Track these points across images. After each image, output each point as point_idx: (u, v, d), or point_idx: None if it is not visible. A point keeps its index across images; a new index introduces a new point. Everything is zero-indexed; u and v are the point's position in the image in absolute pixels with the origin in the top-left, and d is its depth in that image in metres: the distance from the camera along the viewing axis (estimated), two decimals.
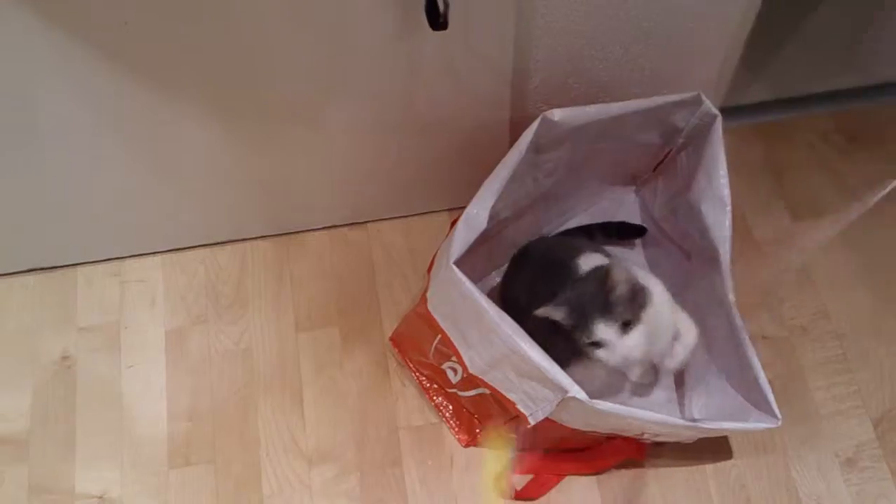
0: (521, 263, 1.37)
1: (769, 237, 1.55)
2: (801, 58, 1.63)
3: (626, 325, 1.15)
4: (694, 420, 1.22)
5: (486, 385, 1.20)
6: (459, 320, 1.20)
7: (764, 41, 1.36)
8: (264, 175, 1.44)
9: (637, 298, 1.16)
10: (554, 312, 1.15)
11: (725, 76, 1.38)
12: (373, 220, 1.61)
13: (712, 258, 1.25)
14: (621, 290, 1.14)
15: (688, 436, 1.29)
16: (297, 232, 1.60)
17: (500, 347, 1.13)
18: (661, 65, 1.30)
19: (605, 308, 1.14)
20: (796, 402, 1.43)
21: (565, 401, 1.09)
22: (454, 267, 1.13)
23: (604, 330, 1.15)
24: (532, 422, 1.16)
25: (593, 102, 1.28)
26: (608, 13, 1.19)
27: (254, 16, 1.10)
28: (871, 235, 1.57)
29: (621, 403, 1.14)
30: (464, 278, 1.13)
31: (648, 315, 1.16)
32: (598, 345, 1.16)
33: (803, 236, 1.57)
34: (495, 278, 1.48)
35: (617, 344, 1.15)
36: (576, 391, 1.08)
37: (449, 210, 1.61)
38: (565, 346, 1.18)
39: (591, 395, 1.10)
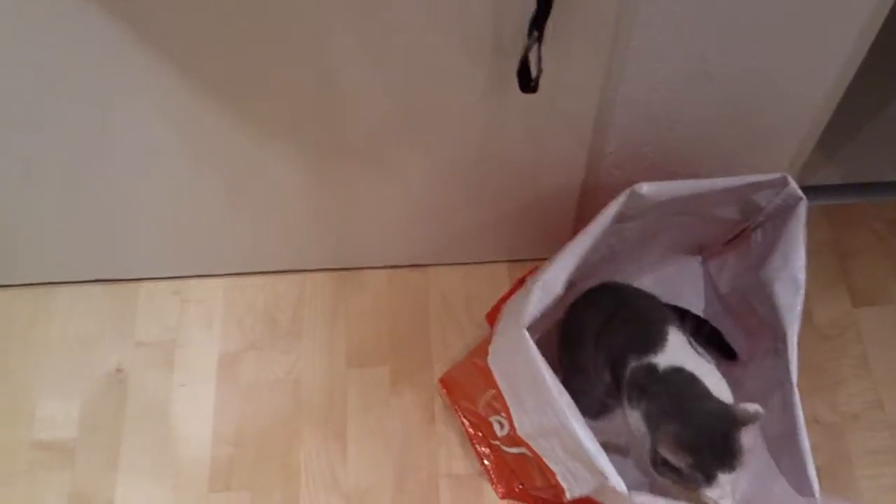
0: (597, 299, 1.36)
1: (829, 321, 1.54)
2: (876, 144, 1.63)
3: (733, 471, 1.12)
4: None
5: (530, 449, 1.20)
6: (517, 382, 1.20)
7: (841, 124, 1.36)
8: (331, 211, 1.46)
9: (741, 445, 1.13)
10: (675, 458, 1.10)
11: (801, 157, 1.38)
12: (432, 264, 1.62)
13: (777, 339, 1.24)
14: (745, 443, 1.12)
15: None
16: (357, 268, 1.62)
17: (551, 420, 1.13)
18: (739, 142, 1.31)
19: (730, 460, 1.11)
20: (840, 488, 1.41)
21: (604, 487, 1.09)
22: (525, 332, 1.13)
23: (725, 480, 1.11)
24: (569, 497, 1.16)
25: (666, 172, 1.28)
26: (694, 89, 1.20)
27: (345, 58, 1.12)
28: None
29: None
30: (532, 345, 1.12)
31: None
32: (708, 486, 1.12)
33: (863, 324, 1.55)
34: (552, 335, 1.48)
35: (726, 491, 1.12)
36: (615, 481, 1.07)
37: (508, 262, 1.62)
38: (608, 393, 1.18)
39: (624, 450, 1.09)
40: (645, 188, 1.19)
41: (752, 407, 1.12)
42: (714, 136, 1.30)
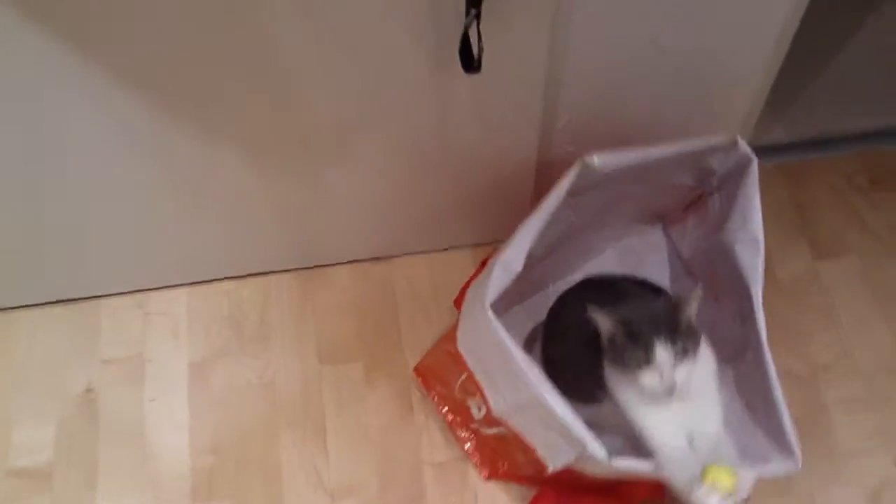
0: (573, 300, 1.37)
1: (792, 277, 1.56)
2: (825, 100, 1.64)
3: (679, 356, 1.11)
4: None
5: (508, 428, 1.21)
6: (487, 362, 1.20)
7: (788, 83, 1.37)
8: (290, 208, 1.45)
9: (694, 335, 1.14)
10: (604, 319, 1.12)
11: (751, 119, 1.39)
12: (396, 255, 1.61)
13: (744, 298, 1.25)
14: (688, 321, 1.13)
15: None
16: (321, 266, 1.61)
17: (524, 394, 1.14)
18: (687, 106, 1.31)
19: (669, 331, 1.11)
20: (820, 439, 1.43)
21: (584, 454, 1.09)
22: (489, 312, 1.13)
23: (662, 354, 1.10)
24: (551, 469, 1.16)
25: (619, 143, 1.29)
26: (636, 55, 1.20)
27: (287, 47, 1.11)
28: (892, 275, 1.58)
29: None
30: (497, 324, 1.13)
31: (697, 353, 1.15)
32: (648, 366, 1.12)
33: (826, 275, 1.57)
34: (518, 313, 1.48)
35: (666, 371, 1.10)
36: (594, 448, 1.08)
37: (472, 246, 1.62)
38: (588, 385, 1.19)
39: (611, 432, 1.10)
40: (595, 159, 1.20)
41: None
42: (664, 104, 1.31)
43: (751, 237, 1.26)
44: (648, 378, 1.11)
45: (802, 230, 1.62)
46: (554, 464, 1.16)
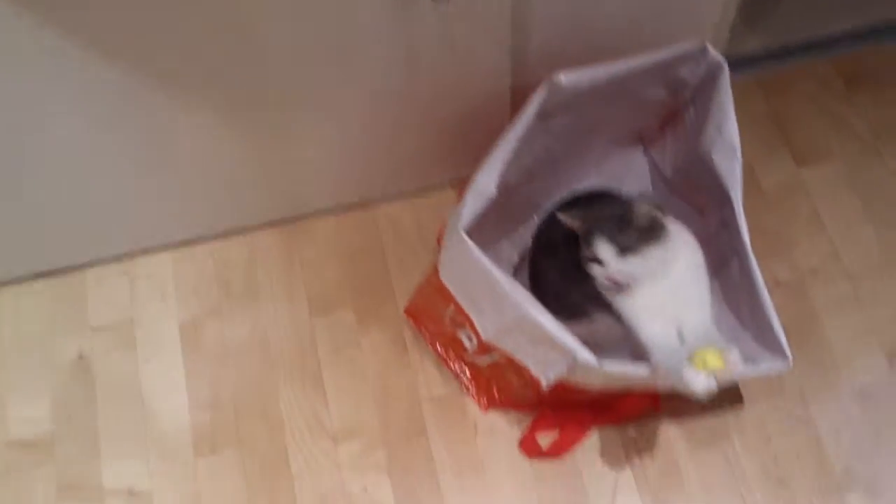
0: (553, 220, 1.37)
1: (776, 185, 1.57)
2: (794, 8, 1.64)
3: (625, 251, 1.16)
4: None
5: (499, 352, 1.21)
6: (471, 288, 1.20)
7: None
8: (266, 160, 1.43)
9: (650, 233, 1.17)
10: (570, 219, 1.18)
11: (723, 28, 1.38)
12: (378, 201, 1.61)
13: (725, 206, 1.26)
14: (638, 220, 1.17)
15: None
16: (304, 217, 1.60)
17: (510, 314, 1.14)
18: (659, 20, 1.30)
19: (613, 229, 1.16)
20: (812, 343, 1.45)
21: (575, 363, 1.10)
22: (464, 235, 1.14)
23: (603, 248, 1.16)
24: (545, 385, 1.17)
25: (591, 61, 1.29)
26: None
27: None
28: (875, 175, 1.58)
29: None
30: (473, 246, 1.13)
31: (653, 253, 1.17)
32: (595, 261, 1.18)
33: (809, 181, 1.57)
34: (505, 245, 1.48)
35: (608, 263, 1.16)
36: (583, 355, 1.09)
37: (454, 184, 1.61)
38: (577, 300, 1.20)
39: (602, 349, 1.11)
40: (563, 77, 1.19)
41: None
42: (633, 17, 1.30)
43: (727, 144, 1.26)
44: (595, 271, 1.18)
45: (783, 139, 1.61)
46: (547, 378, 1.16)
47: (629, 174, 1.54)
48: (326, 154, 1.46)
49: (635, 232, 1.17)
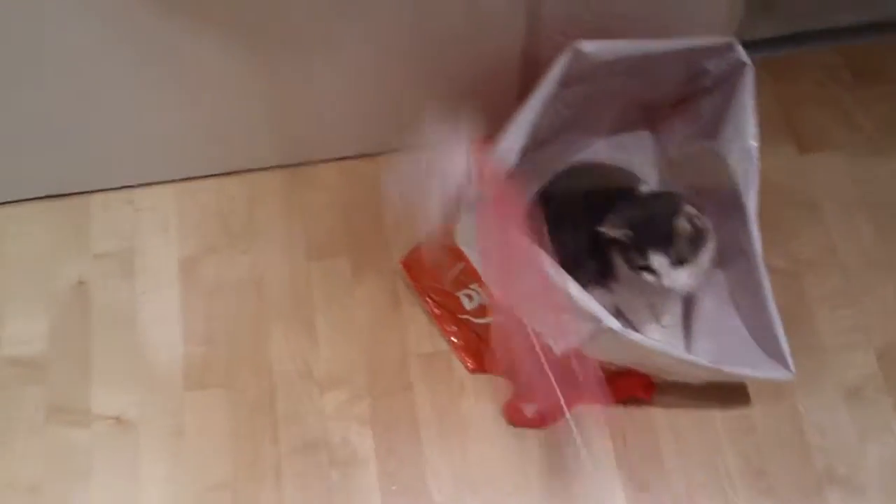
0: (562, 185, 1.38)
1: (777, 171, 1.54)
2: None
3: (679, 262, 1.17)
4: (716, 363, 1.24)
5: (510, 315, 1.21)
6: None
7: None
8: (274, 102, 1.44)
9: (698, 238, 1.19)
10: (615, 231, 1.17)
11: (737, 11, 1.37)
12: (383, 153, 1.61)
13: (734, 206, 1.26)
14: (686, 226, 1.17)
15: (703, 378, 1.31)
16: (308, 163, 1.61)
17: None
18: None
19: (666, 240, 1.17)
20: (802, 334, 1.44)
21: (598, 332, 1.11)
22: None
23: (659, 261, 1.17)
24: (557, 352, 1.17)
25: (606, 32, 1.28)
26: None
27: None
28: (877, 170, 1.58)
29: None
30: None
31: (702, 257, 1.19)
32: (648, 270, 1.19)
33: (811, 170, 1.57)
34: None
35: (666, 276, 1.18)
36: (611, 322, 1.10)
37: None
38: (593, 268, 1.21)
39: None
40: (587, 46, 1.19)
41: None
42: None
43: (745, 147, 1.26)
44: (647, 279, 1.19)
45: (787, 125, 1.61)
46: (561, 347, 1.17)
47: (635, 148, 1.54)
48: (333, 101, 1.46)
49: (687, 242, 1.18)
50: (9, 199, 1.57)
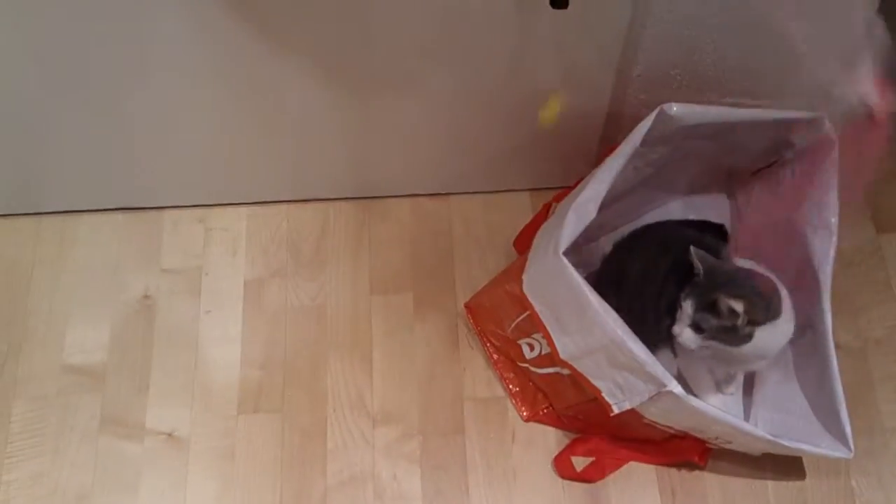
0: (637, 245, 1.37)
1: (853, 247, 1.54)
2: None
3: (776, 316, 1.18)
4: (776, 436, 1.23)
5: (572, 369, 1.21)
6: (558, 307, 1.20)
7: None
8: (354, 136, 1.46)
9: (775, 288, 1.20)
10: (737, 304, 1.15)
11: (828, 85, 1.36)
12: (455, 193, 1.62)
13: (809, 280, 1.25)
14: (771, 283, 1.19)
15: (761, 449, 1.29)
16: (380, 197, 1.62)
17: (599, 338, 1.14)
18: (770, 69, 1.29)
19: (759, 307, 1.17)
20: (863, 413, 1.42)
21: (659, 395, 1.10)
22: (563, 258, 1.13)
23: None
24: (616, 410, 1.16)
25: (694, 97, 1.28)
26: (729, 8, 1.18)
27: None
28: None
29: None
30: (573, 270, 1.13)
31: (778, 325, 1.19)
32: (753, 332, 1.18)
33: (887, 249, 1.55)
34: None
35: (766, 334, 1.18)
36: (674, 386, 1.09)
37: (530, 190, 1.62)
38: (660, 331, 1.20)
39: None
40: (675, 108, 1.19)
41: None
42: (744, 61, 1.28)
43: (824, 225, 1.26)
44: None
45: (867, 202, 1.59)
46: (620, 405, 1.16)
47: (711, 211, 1.53)
48: (412, 140, 1.48)
49: (773, 296, 1.19)
50: (85, 208, 1.60)
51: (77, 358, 1.49)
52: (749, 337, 1.17)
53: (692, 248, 1.19)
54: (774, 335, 1.20)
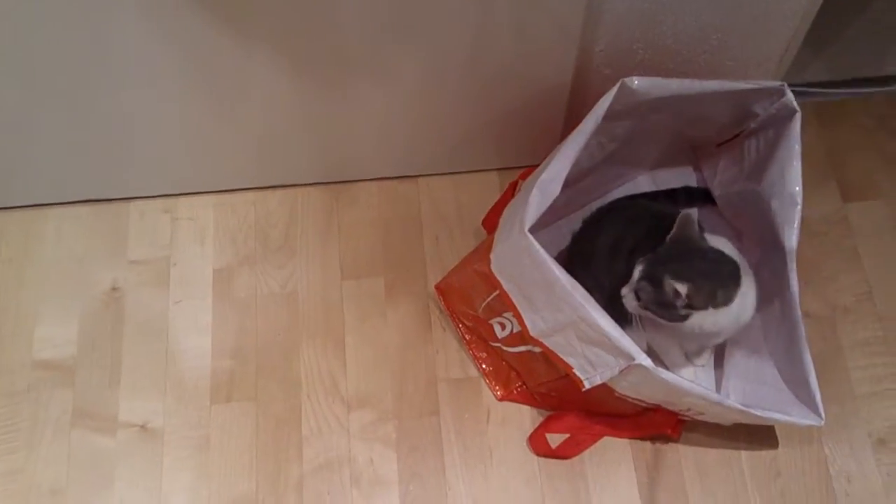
0: (606, 221, 1.38)
1: (820, 217, 1.55)
2: (864, 40, 1.61)
3: (718, 306, 1.18)
4: (747, 406, 1.23)
5: (542, 346, 1.21)
6: (526, 285, 1.20)
7: (827, 20, 1.35)
8: (321, 121, 1.44)
9: (735, 281, 1.19)
10: (681, 287, 1.15)
11: (789, 54, 1.37)
12: (423, 175, 1.62)
13: (774, 250, 1.25)
14: (730, 274, 1.19)
15: (733, 419, 1.30)
16: (348, 181, 1.61)
17: (567, 315, 1.14)
18: (729, 37, 1.29)
19: (714, 290, 1.18)
20: (833, 380, 1.44)
21: (629, 368, 1.10)
22: (529, 235, 1.13)
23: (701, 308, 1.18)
24: (587, 386, 1.16)
25: (657, 70, 1.28)
26: None
27: None
28: None
29: None
30: (538, 247, 1.13)
31: (738, 301, 1.19)
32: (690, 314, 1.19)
33: (853, 218, 1.56)
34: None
35: (708, 318, 1.18)
36: (643, 359, 1.09)
37: (498, 170, 1.62)
38: (621, 309, 1.20)
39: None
40: (636, 82, 1.18)
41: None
42: (704, 30, 1.29)
43: (788, 192, 1.25)
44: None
45: (832, 171, 1.60)
46: (591, 380, 1.16)
47: (677, 184, 1.53)
48: (379, 124, 1.47)
49: (726, 285, 1.18)
50: (49, 202, 1.58)
51: (47, 353, 1.48)
52: (684, 318, 1.18)
53: (683, 212, 1.20)
54: (721, 319, 1.20)
